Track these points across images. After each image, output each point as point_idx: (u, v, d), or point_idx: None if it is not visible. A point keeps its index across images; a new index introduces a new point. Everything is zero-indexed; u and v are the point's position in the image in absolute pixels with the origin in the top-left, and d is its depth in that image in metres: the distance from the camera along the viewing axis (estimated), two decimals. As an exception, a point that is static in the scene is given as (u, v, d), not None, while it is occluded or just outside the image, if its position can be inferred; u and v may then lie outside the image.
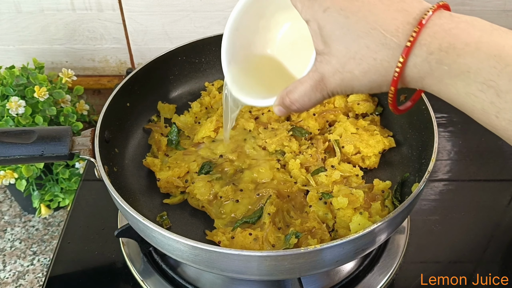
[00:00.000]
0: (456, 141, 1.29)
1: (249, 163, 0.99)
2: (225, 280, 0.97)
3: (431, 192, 1.16)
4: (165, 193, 1.00)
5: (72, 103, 1.31)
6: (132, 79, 1.07)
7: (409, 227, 1.06)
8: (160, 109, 1.15)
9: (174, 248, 0.78)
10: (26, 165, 1.19)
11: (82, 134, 0.92)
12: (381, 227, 0.77)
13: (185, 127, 1.11)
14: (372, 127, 1.06)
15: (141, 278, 0.98)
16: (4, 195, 1.45)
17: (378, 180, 0.97)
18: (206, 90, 1.19)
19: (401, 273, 1.00)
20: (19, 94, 1.20)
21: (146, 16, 1.38)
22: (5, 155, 0.85)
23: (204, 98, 1.17)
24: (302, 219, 0.90)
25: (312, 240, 0.85)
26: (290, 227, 0.89)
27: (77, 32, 1.42)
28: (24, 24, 1.40)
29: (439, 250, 1.04)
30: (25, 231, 1.35)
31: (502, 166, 1.23)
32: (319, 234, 0.87)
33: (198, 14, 1.37)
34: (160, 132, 1.10)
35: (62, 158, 0.88)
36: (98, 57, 1.48)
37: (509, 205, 1.13)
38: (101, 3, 1.35)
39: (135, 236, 0.95)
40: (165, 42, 1.43)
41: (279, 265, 0.75)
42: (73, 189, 1.28)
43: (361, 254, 0.82)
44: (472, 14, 1.48)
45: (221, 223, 0.92)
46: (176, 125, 1.10)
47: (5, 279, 1.24)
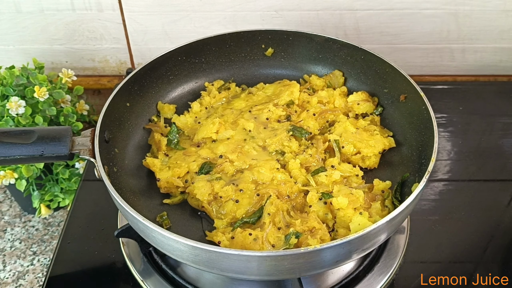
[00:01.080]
0: (456, 141, 1.29)
1: (249, 163, 0.99)
2: (225, 280, 0.97)
3: (431, 192, 1.16)
4: (165, 193, 1.00)
5: (72, 103, 1.31)
6: (132, 79, 1.07)
7: (409, 227, 1.06)
8: (160, 109, 1.15)
9: (174, 248, 0.78)
10: (26, 165, 1.19)
11: (82, 134, 0.92)
12: (381, 227, 0.77)
13: (185, 127, 1.11)
14: (372, 127, 1.06)
15: (141, 278, 0.98)
16: (4, 195, 1.45)
17: (378, 180, 0.97)
18: (206, 90, 1.19)
19: (401, 273, 1.00)
20: (19, 94, 1.20)
21: (146, 16, 1.38)
22: (5, 155, 0.86)
23: (204, 98, 1.17)
24: (302, 219, 0.90)
25: (312, 240, 0.85)
26: (290, 227, 0.89)
27: (77, 32, 1.42)
28: (24, 24, 1.40)
29: (439, 250, 1.04)
30: (25, 231, 1.35)
31: (502, 166, 1.23)
32: (319, 234, 0.87)
33: (198, 14, 1.37)
34: (160, 132, 1.10)
35: (62, 158, 0.88)
36: (98, 57, 1.48)
37: (509, 205, 1.13)
38: (101, 3, 1.35)
39: (135, 236, 0.95)
40: (165, 42, 1.43)
41: (279, 265, 0.75)
42: (73, 189, 1.28)
43: (361, 254, 0.82)
44: (472, 14, 1.49)
45: (221, 223, 0.92)
46: (176, 125, 1.10)
47: (5, 279, 1.24)
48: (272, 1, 1.34)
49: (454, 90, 1.45)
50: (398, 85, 1.07)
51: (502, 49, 1.45)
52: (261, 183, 0.96)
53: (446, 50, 1.45)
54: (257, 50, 1.22)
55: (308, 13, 1.37)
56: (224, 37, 1.18)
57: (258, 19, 1.37)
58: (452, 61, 1.47)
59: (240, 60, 1.22)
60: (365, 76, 1.15)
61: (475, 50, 1.45)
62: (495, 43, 1.43)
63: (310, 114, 1.09)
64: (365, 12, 1.36)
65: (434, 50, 1.45)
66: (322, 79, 1.18)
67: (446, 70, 1.50)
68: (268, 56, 1.22)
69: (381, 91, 1.12)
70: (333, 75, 1.18)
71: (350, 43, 1.13)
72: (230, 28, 1.27)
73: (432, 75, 1.51)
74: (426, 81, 1.49)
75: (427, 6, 1.35)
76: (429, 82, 1.48)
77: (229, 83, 1.21)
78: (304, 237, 0.86)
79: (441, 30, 1.40)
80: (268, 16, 1.37)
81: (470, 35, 1.41)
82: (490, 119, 1.35)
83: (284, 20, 1.38)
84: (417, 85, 1.00)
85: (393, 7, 1.36)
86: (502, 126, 1.33)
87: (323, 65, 1.20)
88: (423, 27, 1.39)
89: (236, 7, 1.34)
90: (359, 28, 1.40)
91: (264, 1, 1.34)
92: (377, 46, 1.42)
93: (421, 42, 1.43)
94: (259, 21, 1.38)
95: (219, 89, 1.19)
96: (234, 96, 1.19)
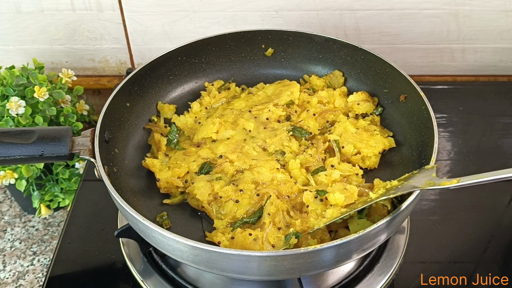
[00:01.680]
0: (456, 141, 1.29)
1: (249, 164, 0.99)
2: (225, 280, 0.97)
3: (431, 192, 1.16)
4: (165, 193, 1.00)
5: (72, 103, 1.31)
6: (132, 79, 1.07)
7: (409, 227, 1.06)
8: (160, 109, 1.15)
9: (174, 248, 0.78)
10: (26, 165, 1.19)
11: (82, 134, 0.92)
12: (381, 227, 0.77)
13: (185, 127, 1.11)
14: (372, 127, 1.06)
15: (141, 278, 0.98)
16: (4, 195, 1.45)
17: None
18: (206, 90, 1.19)
19: (401, 273, 1.00)
20: (19, 94, 1.20)
21: (146, 16, 1.38)
22: (5, 155, 0.86)
23: (204, 98, 1.17)
24: (302, 219, 0.90)
25: (312, 240, 0.85)
26: (290, 227, 0.89)
27: (77, 32, 1.42)
28: (24, 24, 1.40)
29: (439, 250, 1.04)
30: (25, 231, 1.35)
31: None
32: (319, 234, 0.87)
33: (198, 14, 1.37)
34: (160, 132, 1.10)
35: (62, 158, 0.88)
36: (98, 57, 1.48)
37: (509, 205, 1.13)
38: (101, 3, 1.35)
39: (135, 236, 0.95)
40: (165, 42, 1.43)
41: (279, 265, 0.75)
42: (73, 189, 1.28)
43: (361, 254, 0.82)
44: (472, 14, 1.49)
45: (221, 223, 0.92)
46: (176, 125, 1.10)
47: (5, 279, 1.24)
48: (272, 1, 1.34)
49: (454, 90, 1.45)
50: (398, 85, 1.07)
51: (502, 49, 1.45)
52: (261, 183, 0.96)
53: (446, 50, 1.45)
54: (257, 50, 1.22)
55: (308, 13, 1.37)
56: (224, 37, 1.18)
57: (258, 19, 1.38)
58: (452, 61, 1.47)
59: (240, 60, 1.22)
60: (365, 76, 1.15)
61: (475, 50, 1.45)
62: (495, 43, 1.43)
63: (310, 114, 1.09)
64: (365, 12, 1.36)
65: (434, 50, 1.45)
66: (322, 79, 1.18)
67: (446, 70, 1.50)
68: (268, 56, 1.22)
69: (381, 91, 1.12)
70: (333, 75, 1.18)
71: (350, 43, 1.14)
72: (230, 28, 1.27)
73: (432, 75, 1.51)
74: (426, 81, 1.49)
75: (427, 6, 1.35)
76: (429, 82, 1.48)
77: (229, 83, 1.21)
78: (304, 237, 0.86)
79: (441, 30, 1.40)
80: (268, 16, 1.37)
81: (470, 35, 1.41)
82: (490, 119, 1.35)
83: (284, 20, 1.38)
84: (417, 85, 1.00)
85: (393, 7, 1.36)
86: (502, 126, 1.33)
87: (323, 65, 1.20)
88: (423, 27, 1.39)
89: (236, 7, 1.34)
90: (359, 28, 1.40)
91: (264, 1, 1.34)
92: (377, 46, 1.42)
93: (421, 42, 1.43)
94: (259, 21, 1.38)
95: (219, 89, 1.19)
96: (234, 96, 1.19)
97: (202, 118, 1.13)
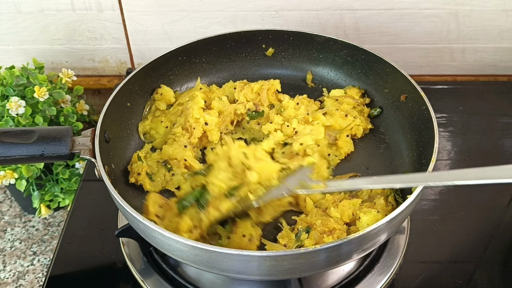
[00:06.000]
0: (456, 141, 1.29)
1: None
2: (225, 280, 0.97)
3: (431, 192, 1.16)
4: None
5: (72, 103, 1.31)
6: (132, 79, 1.07)
7: (409, 227, 1.06)
8: (160, 109, 1.15)
9: (174, 248, 0.78)
10: (26, 165, 1.19)
11: (82, 134, 0.92)
12: (381, 227, 0.77)
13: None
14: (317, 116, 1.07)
15: (141, 278, 0.98)
16: (4, 195, 1.45)
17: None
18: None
19: (401, 273, 1.00)
20: (19, 94, 1.20)
21: (146, 16, 1.38)
22: (5, 155, 0.85)
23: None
24: (322, 220, 0.90)
25: (328, 238, 0.85)
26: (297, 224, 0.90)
27: (77, 32, 1.42)
28: (24, 24, 1.40)
29: (439, 250, 1.04)
30: (25, 231, 1.35)
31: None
32: (336, 233, 0.87)
33: (198, 14, 1.37)
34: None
35: (62, 158, 0.88)
36: (98, 57, 1.48)
37: (509, 205, 1.13)
38: (101, 3, 1.35)
39: (135, 236, 0.95)
40: (165, 42, 1.43)
41: (279, 265, 0.75)
42: (73, 189, 1.28)
43: (361, 254, 0.82)
44: (472, 14, 1.49)
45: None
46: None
47: (5, 279, 1.23)
48: (272, 1, 1.34)
49: (454, 90, 1.45)
50: (399, 85, 1.07)
51: (502, 49, 1.45)
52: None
53: (446, 50, 1.45)
54: (258, 50, 1.22)
55: (308, 13, 1.37)
56: (225, 37, 1.18)
57: (258, 19, 1.38)
58: (452, 61, 1.47)
59: (240, 60, 1.22)
60: (366, 76, 1.15)
61: (475, 50, 1.45)
62: (495, 43, 1.43)
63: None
64: (365, 12, 1.36)
65: (434, 50, 1.45)
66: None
67: (446, 70, 1.50)
68: (269, 56, 1.22)
69: (382, 91, 1.12)
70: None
71: (351, 43, 1.14)
72: (230, 28, 1.27)
73: (432, 75, 1.51)
74: (426, 81, 1.49)
75: (427, 6, 1.35)
76: (429, 82, 1.48)
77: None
78: (320, 238, 0.86)
79: (441, 30, 1.40)
80: (268, 16, 1.37)
81: (470, 35, 1.41)
82: (490, 119, 1.35)
83: (284, 20, 1.38)
84: (417, 85, 1.00)
85: (393, 7, 1.36)
86: (502, 126, 1.33)
87: (324, 65, 1.20)
88: (423, 27, 1.39)
89: (236, 7, 1.34)
90: (359, 28, 1.40)
91: (264, 1, 1.34)
92: (377, 46, 1.42)
93: (421, 42, 1.43)
94: (259, 21, 1.38)
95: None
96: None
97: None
